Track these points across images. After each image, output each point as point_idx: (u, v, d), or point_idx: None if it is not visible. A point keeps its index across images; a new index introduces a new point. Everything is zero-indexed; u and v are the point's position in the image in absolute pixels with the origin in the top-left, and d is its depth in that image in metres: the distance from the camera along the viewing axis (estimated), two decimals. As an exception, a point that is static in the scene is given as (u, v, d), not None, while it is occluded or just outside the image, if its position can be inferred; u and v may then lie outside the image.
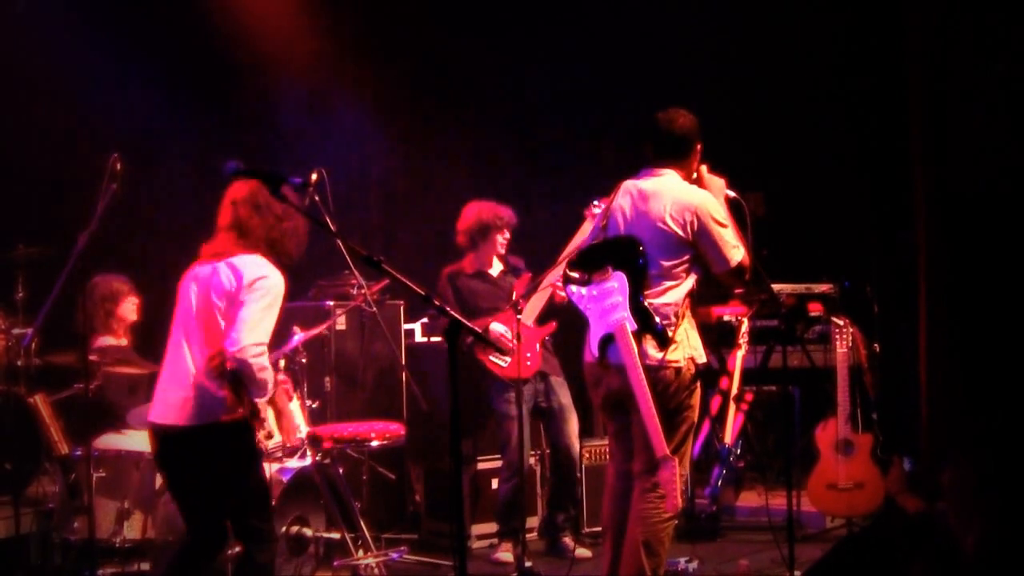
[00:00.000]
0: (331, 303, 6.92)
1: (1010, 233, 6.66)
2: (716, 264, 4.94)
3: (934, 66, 7.06)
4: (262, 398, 4.48)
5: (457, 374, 3.82)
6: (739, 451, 7.24)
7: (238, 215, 4.55)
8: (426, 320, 7.65)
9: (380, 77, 8.36)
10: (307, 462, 5.97)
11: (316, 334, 6.36)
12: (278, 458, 5.88)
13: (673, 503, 4.76)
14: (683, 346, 4.88)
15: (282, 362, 5.86)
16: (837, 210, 8.38)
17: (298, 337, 6.03)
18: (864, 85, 8.22)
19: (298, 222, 4.59)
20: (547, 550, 6.64)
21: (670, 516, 4.86)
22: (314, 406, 6.45)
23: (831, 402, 6.70)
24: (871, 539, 4.26)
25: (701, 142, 5.11)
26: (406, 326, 7.48)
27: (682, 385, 4.88)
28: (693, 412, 4.99)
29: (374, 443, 6.07)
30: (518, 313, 5.97)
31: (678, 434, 4.89)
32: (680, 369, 4.86)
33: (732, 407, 7.09)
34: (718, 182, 5.11)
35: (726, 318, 7.35)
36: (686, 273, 4.93)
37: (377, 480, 6.91)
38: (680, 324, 4.87)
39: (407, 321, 7.49)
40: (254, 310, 4.37)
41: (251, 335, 4.33)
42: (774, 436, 7.95)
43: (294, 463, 5.96)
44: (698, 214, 4.89)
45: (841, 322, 6.75)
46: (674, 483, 4.72)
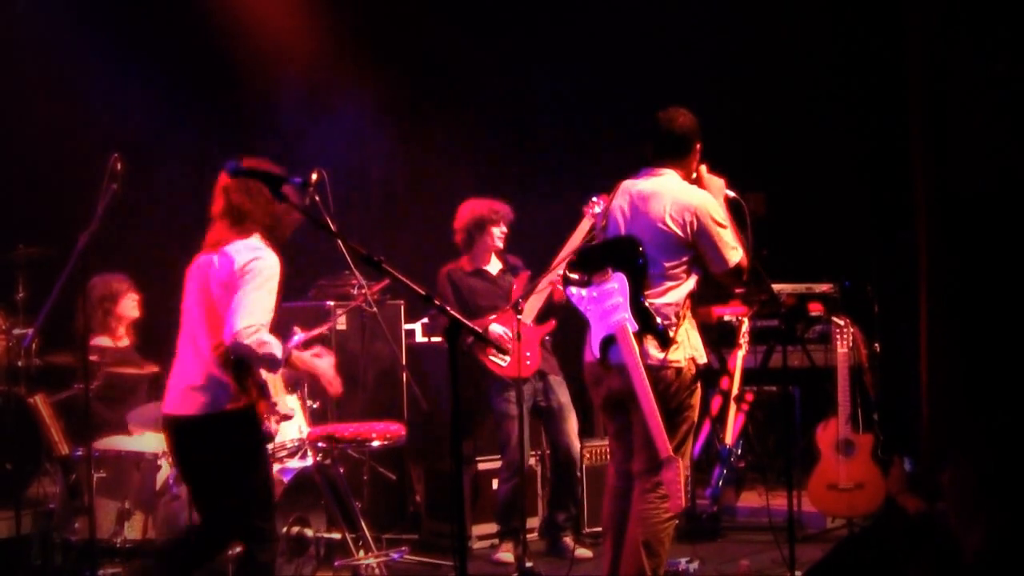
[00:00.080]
0: (331, 303, 6.92)
1: (1010, 233, 6.66)
2: (714, 264, 4.95)
3: (934, 66, 7.06)
4: (275, 371, 4.52)
5: (458, 374, 3.81)
6: (740, 451, 7.23)
7: (230, 201, 4.59)
8: (426, 320, 7.64)
9: (380, 77, 8.35)
10: (308, 462, 5.97)
11: (317, 334, 6.34)
12: (279, 458, 5.88)
13: (676, 503, 4.76)
14: (684, 346, 4.88)
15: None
16: (837, 210, 8.38)
17: (298, 337, 6.00)
18: (864, 85, 8.22)
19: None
20: (548, 550, 6.63)
21: (670, 516, 4.87)
22: (314, 406, 6.44)
23: (832, 402, 6.70)
24: (872, 539, 4.25)
25: (701, 142, 5.10)
26: (406, 326, 7.48)
27: (683, 385, 4.88)
28: (693, 412, 4.99)
29: (375, 443, 6.06)
30: (519, 313, 5.97)
31: (679, 434, 4.89)
32: (681, 369, 4.86)
33: (733, 407, 7.09)
34: (718, 182, 5.11)
35: (726, 318, 7.36)
36: (686, 273, 4.93)
37: (378, 480, 6.91)
38: (681, 324, 4.87)
39: (407, 321, 7.49)
40: (246, 293, 4.40)
41: (244, 319, 4.37)
42: (775, 436, 7.94)
43: (295, 463, 5.96)
44: (698, 214, 4.89)
45: (841, 322, 6.74)
46: (678, 483, 4.72)
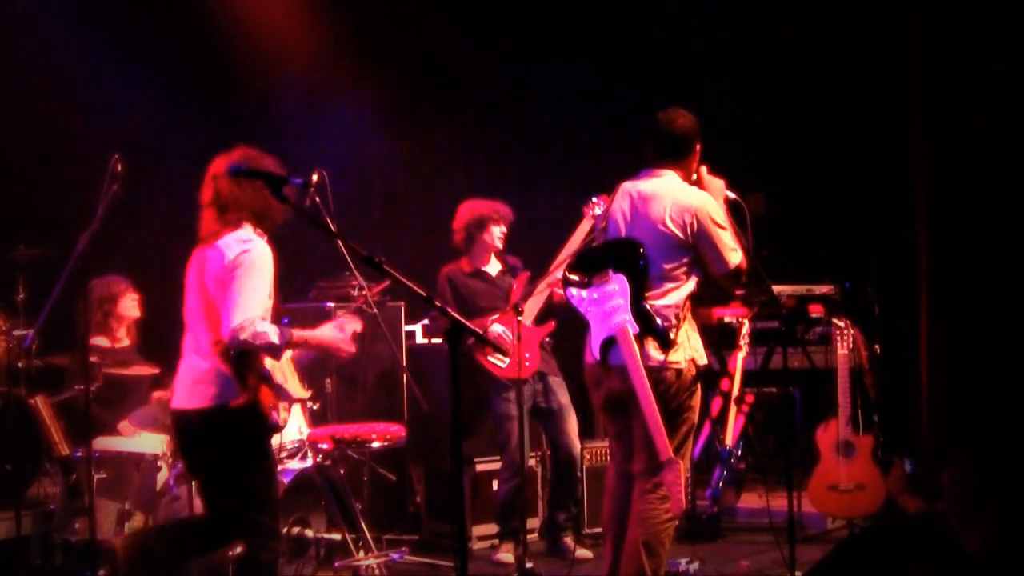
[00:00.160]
0: (332, 304, 6.91)
1: (1010, 233, 6.66)
2: (714, 266, 4.95)
3: (934, 66, 7.06)
4: (278, 357, 4.56)
5: (459, 375, 3.81)
6: (740, 452, 7.23)
7: (219, 189, 4.60)
8: (427, 321, 7.64)
9: (380, 77, 8.34)
10: (308, 463, 5.97)
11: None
12: (279, 459, 5.88)
13: (677, 505, 4.77)
14: (684, 348, 4.88)
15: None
16: (837, 211, 8.38)
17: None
18: (864, 85, 8.22)
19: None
20: (548, 551, 6.63)
21: (670, 517, 4.87)
22: (315, 407, 6.44)
23: (832, 403, 6.70)
24: (872, 540, 4.24)
25: (701, 142, 5.10)
26: (407, 327, 7.47)
27: (683, 386, 4.88)
28: (693, 413, 5.00)
29: (375, 444, 6.06)
30: (519, 315, 5.96)
31: (679, 435, 4.90)
32: (681, 370, 4.86)
33: (733, 408, 7.09)
34: (718, 183, 5.11)
35: (727, 319, 7.35)
36: (687, 275, 4.93)
37: (378, 481, 6.90)
38: (681, 326, 4.87)
39: (408, 322, 7.48)
40: (237, 288, 4.42)
41: (238, 315, 4.38)
42: (775, 437, 7.94)
43: (295, 464, 5.96)
44: (698, 216, 4.89)
45: (842, 323, 6.74)
46: (678, 485, 4.72)
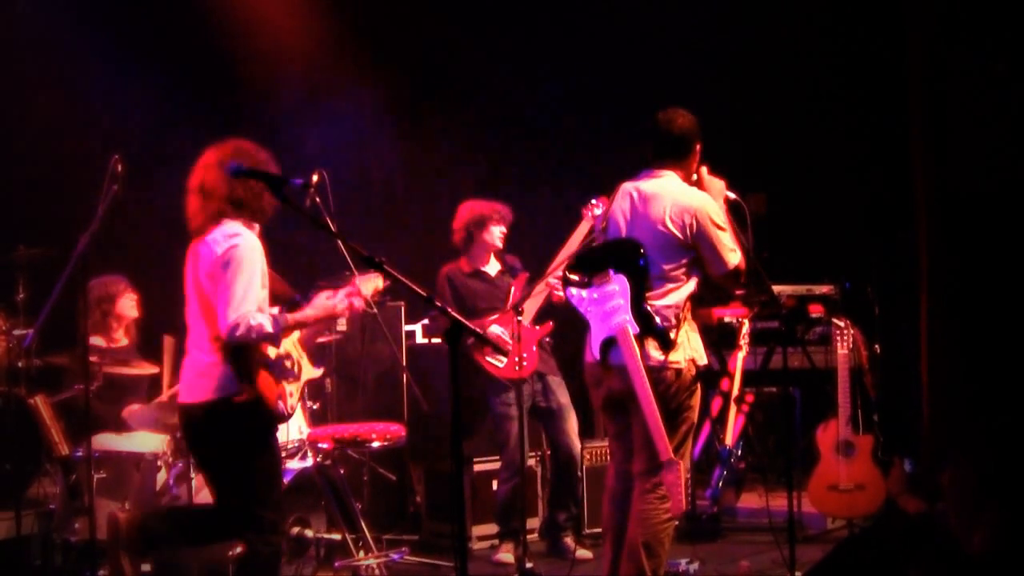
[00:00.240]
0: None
1: (1010, 233, 6.66)
2: (713, 266, 4.95)
3: (934, 66, 7.07)
4: (278, 344, 4.60)
5: (459, 375, 3.81)
6: (740, 452, 7.23)
7: (204, 178, 4.60)
8: (427, 321, 7.64)
9: (380, 77, 8.34)
10: (308, 463, 5.97)
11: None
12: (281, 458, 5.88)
13: (677, 505, 4.77)
14: (684, 347, 4.88)
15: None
16: (838, 211, 8.38)
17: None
18: (864, 85, 8.22)
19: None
20: (548, 551, 6.63)
21: (670, 517, 4.86)
22: (315, 407, 6.44)
23: (832, 403, 6.70)
24: (872, 540, 4.25)
25: (701, 142, 5.10)
26: (407, 327, 7.47)
27: (682, 386, 4.88)
28: (693, 413, 5.00)
29: (375, 444, 6.07)
30: (519, 315, 5.96)
31: (678, 434, 4.90)
32: (680, 370, 4.86)
33: (733, 408, 7.09)
34: (718, 183, 5.11)
35: (727, 319, 7.35)
36: (686, 276, 4.93)
37: (378, 481, 6.91)
38: (681, 326, 4.87)
39: (408, 322, 7.48)
40: (228, 284, 4.43)
41: (232, 312, 4.40)
42: (775, 437, 7.94)
43: (295, 464, 5.96)
44: (697, 217, 4.89)
45: (842, 323, 6.74)
46: (679, 486, 4.72)
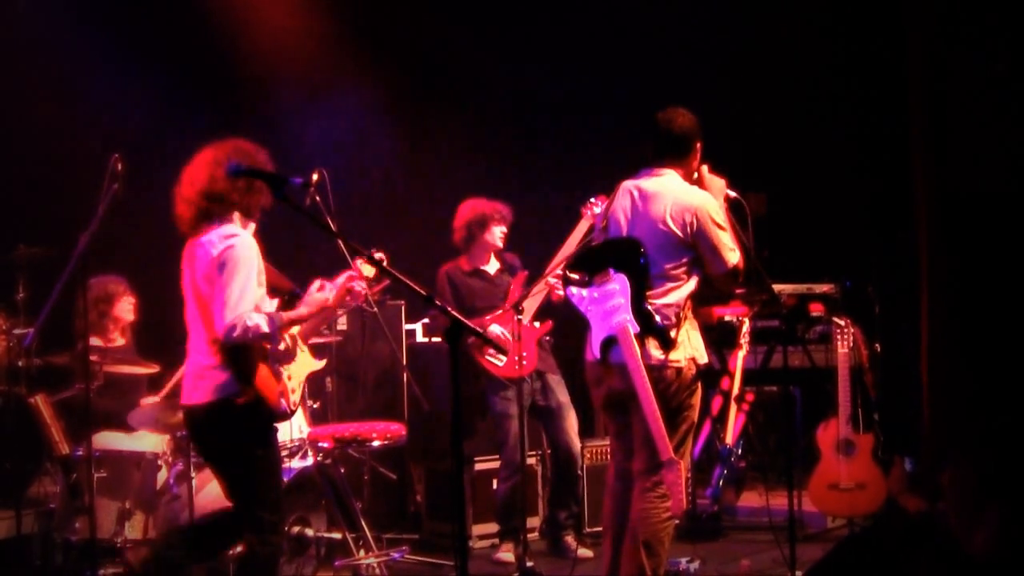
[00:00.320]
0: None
1: (1010, 233, 6.66)
2: (712, 265, 4.95)
3: (934, 66, 7.07)
4: (276, 344, 4.60)
5: (459, 375, 3.82)
6: (740, 451, 7.23)
7: (201, 176, 4.60)
8: (427, 320, 7.64)
9: (380, 77, 8.34)
10: (308, 462, 5.97)
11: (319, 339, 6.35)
12: (281, 458, 5.88)
13: (678, 504, 4.77)
14: (684, 346, 4.88)
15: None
16: (838, 210, 8.38)
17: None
18: (864, 85, 8.22)
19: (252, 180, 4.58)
20: (549, 550, 6.63)
21: (670, 516, 4.87)
22: (315, 406, 6.44)
23: (832, 402, 6.70)
24: (872, 539, 4.24)
25: (701, 141, 5.11)
26: (407, 326, 7.48)
27: (683, 385, 4.88)
28: (694, 412, 5.00)
29: (375, 443, 6.07)
30: (519, 314, 5.96)
31: (679, 433, 4.90)
32: (681, 369, 4.87)
33: (733, 407, 7.09)
34: (719, 182, 5.12)
35: (727, 318, 7.34)
36: (687, 274, 4.93)
37: (378, 480, 6.91)
38: (682, 325, 4.87)
39: (408, 321, 7.49)
40: (224, 285, 4.44)
41: (228, 314, 4.41)
42: (775, 436, 7.94)
43: (295, 463, 5.96)
44: (698, 215, 4.89)
45: (842, 322, 6.74)
46: (679, 485, 4.72)
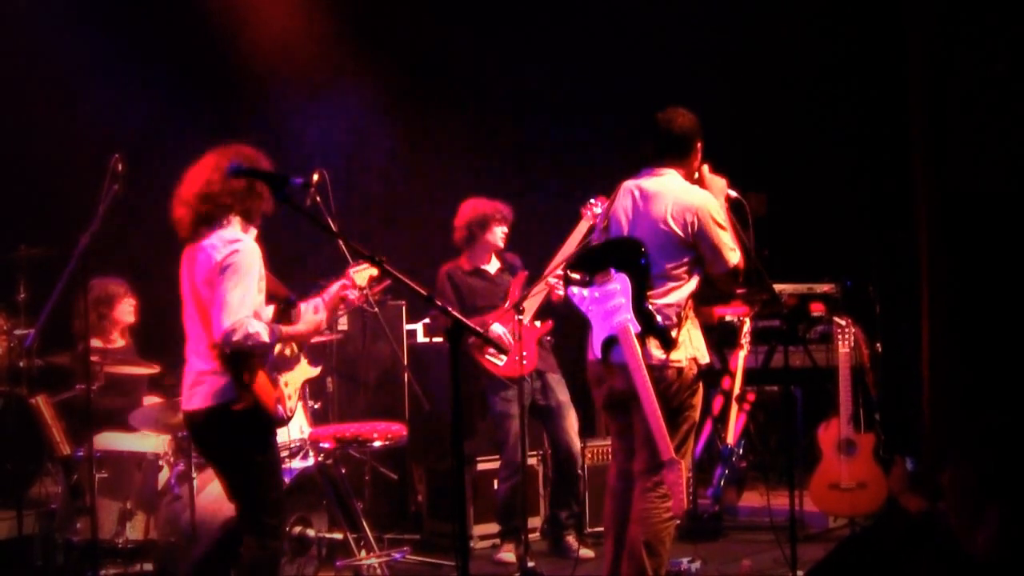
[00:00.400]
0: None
1: (1010, 233, 6.66)
2: (712, 265, 4.96)
3: (934, 66, 7.06)
4: (272, 351, 4.56)
5: (459, 375, 3.81)
6: (741, 451, 7.23)
7: (204, 180, 4.57)
8: (428, 321, 7.64)
9: (380, 77, 8.35)
10: (309, 463, 5.97)
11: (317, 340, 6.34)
12: (281, 459, 5.87)
13: (679, 504, 4.77)
14: (686, 346, 4.88)
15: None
16: (839, 210, 8.38)
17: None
18: (865, 85, 8.22)
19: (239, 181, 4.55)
20: (550, 550, 6.63)
21: (671, 516, 4.86)
22: (316, 407, 6.44)
23: (833, 402, 6.70)
24: (873, 539, 4.24)
25: (702, 141, 5.11)
26: (408, 326, 7.48)
27: (684, 384, 4.88)
28: (695, 412, 5.00)
29: (376, 443, 6.07)
30: (520, 314, 5.96)
31: (680, 433, 4.90)
32: (682, 369, 4.87)
33: (734, 407, 7.09)
34: (719, 182, 5.12)
35: (728, 318, 7.34)
36: (688, 274, 4.93)
37: (379, 480, 6.91)
38: (683, 325, 4.87)
39: (409, 321, 7.49)
40: (227, 290, 4.43)
41: (228, 318, 4.39)
42: (776, 436, 7.94)
43: (296, 464, 5.96)
44: (699, 215, 4.89)
45: (843, 322, 6.74)
46: (680, 485, 4.72)
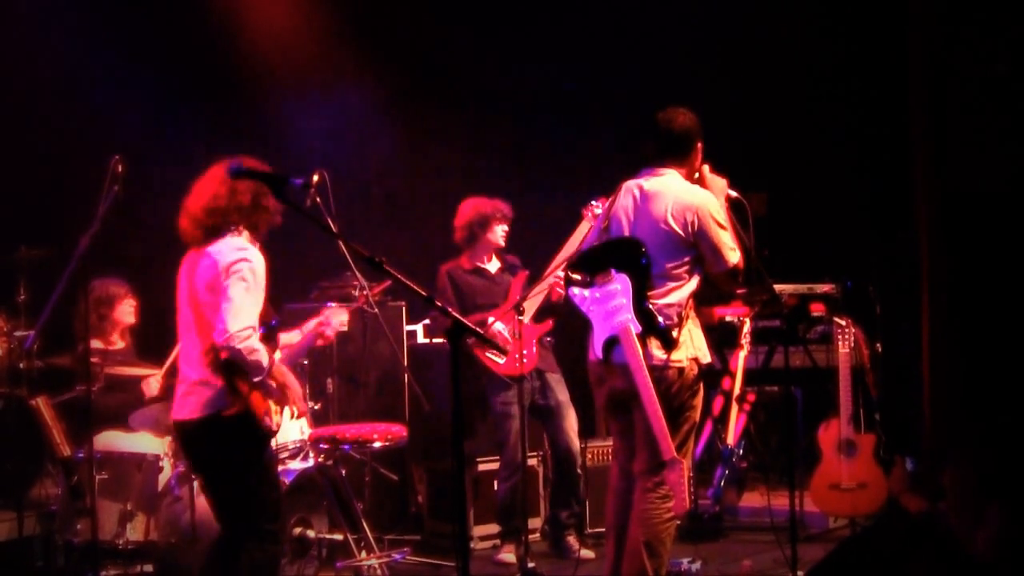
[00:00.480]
0: (333, 305, 6.91)
1: (1010, 233, 6.66)
2: (712, 265, 4.96)
3: (934, 66, 7.06)
4: (259, 378, 4.47)
5: (459, 375, 3.81)
6: (742, 451, 7.23)
7: (210, 190, 4.61)
8: (428, 321, 7.64)
9: (380, 77, 8.36)
10: (309, 464, 5.97)
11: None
12: (281, 460, 5.88)
13: (681, 504, 4.77)
14: (686, 346, 4.88)
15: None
16: (839, 210, 8.38)
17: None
18: (865, 85, 8.22)
19: (246, 196, 4.57)
20: (551, 551, 6.63)
21: (671, 516, 4.87)
22: (316, 408, 6.44)
23: (833, 402, 6.70)
24: (874, 539, 4.24)
25: (702, 140, 5.11)
26: (408, 327, 7.47)
27: (685, 385, 4.89)
28: (695, 412, 5.00)
29: (376, 444, 6.06)
30: (520, 314, 5.96)
31: (680, 433, 4.90)
32: (683, 369, 4.87)
33: (735, 407, 7.09)
34: (720, 182, 5.12)
35: (728, 318, 7.34)
36: (688, 274, 4.94)
37: (379, 481, 6.90)
38: (684, 325, 4.87)
39: (409, 322, 7.48)
40: (235, 294, 4.40)
41: (236, 321, 4.37)
42: (777, 436, 7.94)
43: (296, 464, 5.96)
44: (699, 214, 4.89)
45: (843, 322, 6.74)
46: (682, 485, 4.72)
